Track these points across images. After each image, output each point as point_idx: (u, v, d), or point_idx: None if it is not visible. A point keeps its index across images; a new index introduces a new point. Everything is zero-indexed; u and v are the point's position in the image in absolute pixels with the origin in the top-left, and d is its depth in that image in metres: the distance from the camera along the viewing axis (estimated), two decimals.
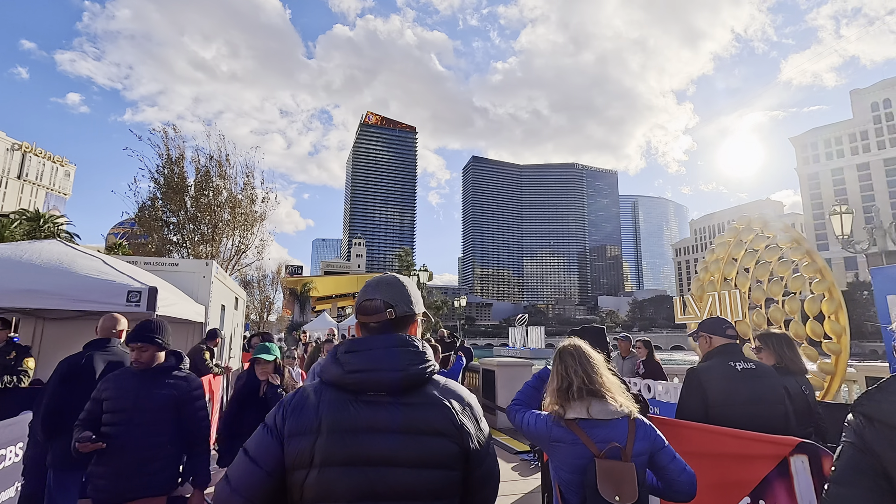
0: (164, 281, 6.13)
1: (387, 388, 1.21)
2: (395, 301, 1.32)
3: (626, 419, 1.99)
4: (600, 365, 2.11)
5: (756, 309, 6.01)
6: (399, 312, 1.31)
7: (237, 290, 11.14)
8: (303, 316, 42.87)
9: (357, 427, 1.17)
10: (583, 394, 2.00)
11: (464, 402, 1.29)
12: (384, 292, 1.33)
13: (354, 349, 1.26)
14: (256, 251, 15.38)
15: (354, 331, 9.99)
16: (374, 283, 1.39)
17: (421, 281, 15.99)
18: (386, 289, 1.34)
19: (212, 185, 13.76)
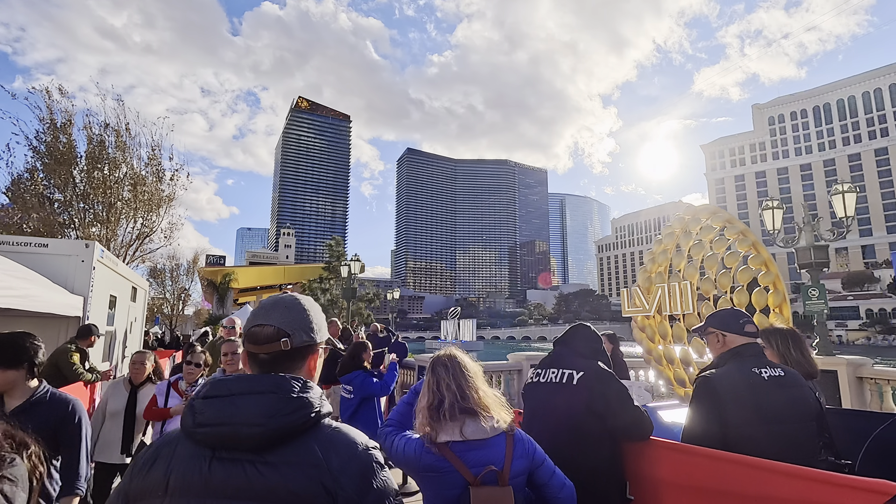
0: (21, 265, 4.84)
1: (245, 445, 0.97)
2: (292, 328, 1.10)
3: (503, 436, 1.82)
4: (476, 377, 1.91)
5: (705, 301, 5.82)
6: (296, 342, 1.09)
7: (136, 278, 9.62)
8: (223, 309, 39.86)
9: (208, 492, 0.95)
10: (455, 412, 1.79)
11: (352, 457, 1.00)
12: (280, 316, 1.10)
13: (212, 394, 1.02)
14: (164, 235, 13.59)
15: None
16: (268, 303, 1.16)
17: (352, 272, 14.99)
18: (283, 312, 1.12)
19: (107, 157, 11.76)
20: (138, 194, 12.06)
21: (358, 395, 4.60)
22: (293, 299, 1.17)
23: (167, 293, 36.69)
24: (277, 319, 1.09)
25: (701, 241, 6.15)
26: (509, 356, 9.42)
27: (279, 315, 1.10)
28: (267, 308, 1.13)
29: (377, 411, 4.74)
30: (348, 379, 4.72)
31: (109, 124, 11.99)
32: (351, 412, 4.58)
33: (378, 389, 4.65)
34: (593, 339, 2.47)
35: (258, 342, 1.08)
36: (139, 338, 10.53)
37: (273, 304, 1.14)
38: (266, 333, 1.07)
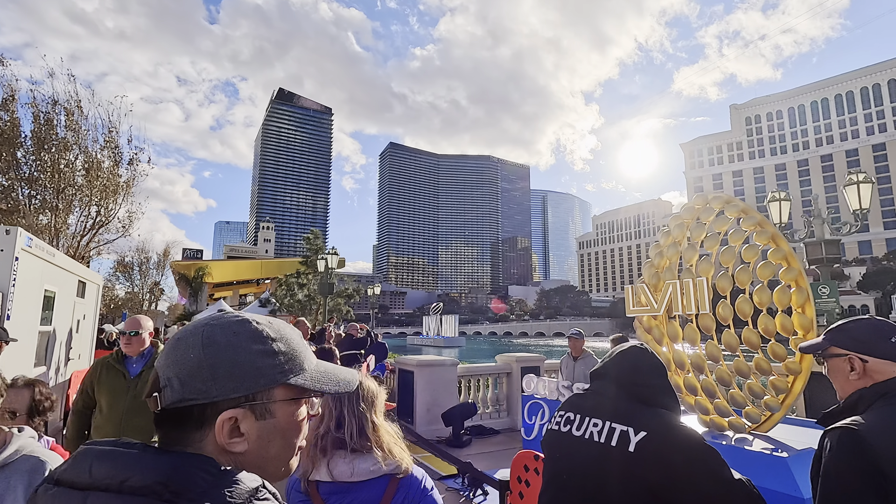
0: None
1: None
2: (167, 375, 0.72)
3: (386, 479, 1.53)
4: (372, 408, 1.63)
5: (721, 300, 5.22)
6: (170, 399, 0.70)
7: (83, 272, 8.64)
8: (196, 304, 38.39)
9: None
10: (326, 447, 1.56)
11: None
12: (164, 358, 0.75)
13: (66, 479, 0.66)
14: (121, 225, 12.46)
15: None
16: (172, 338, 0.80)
17: (330, 266, 14.13)
18: (170, 352, 0.75)
19: (56, 138, 10.61)
20: (92, 179, 10.95)
21: None
22: (190, 331, 0.75)
23: (136, 287, 35.09)
24: (163, 361, 0.75)
25: (716, 233, 5.53)
26: (498, 358, 8.75)
27: (166, 356, 0.75)
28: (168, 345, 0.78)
29: None
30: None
31: (58, 101, 10.87)
32: None
33: None
34: (655, 373, 1.65)
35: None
36: (90, 337, 9.54)
37: (172, 340, 0.77)
38: (151, 381, 0.75)
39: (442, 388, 7.45)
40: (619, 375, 1.61)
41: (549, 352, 69.60)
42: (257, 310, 25.16)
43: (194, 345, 0.72)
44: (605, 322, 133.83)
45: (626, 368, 1.62)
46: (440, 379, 7.48)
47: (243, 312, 0.80)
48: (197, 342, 0.73)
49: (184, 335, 0.76)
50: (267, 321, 0.80)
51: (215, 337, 0.73)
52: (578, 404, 1.67)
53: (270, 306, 24.67)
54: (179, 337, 0.76)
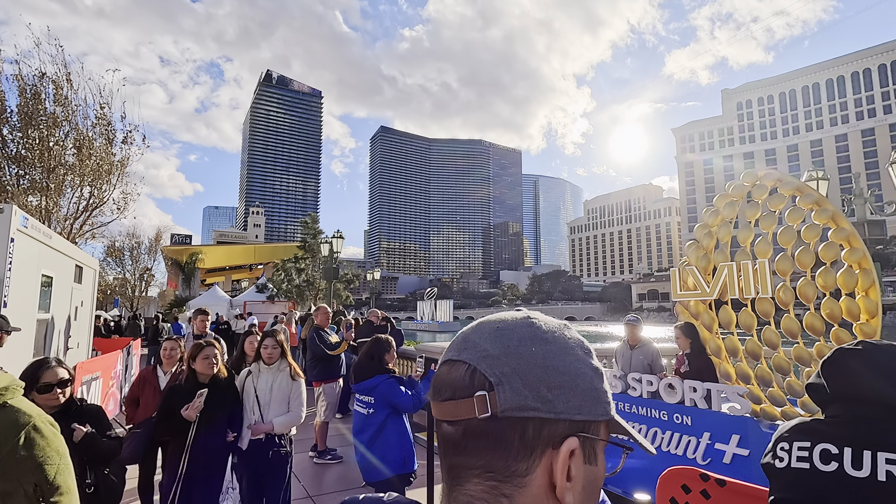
0: None
1: None
2: (500, 372, 0.57)
3: None
4: None
5: (782, 283, 4.89)
6: (509, 402, 0.55)
7: (81, 256, 8.10)
8: (189, 290, 37.65)
9: None
10: None
11: None
12: (483, 345, 0.59)
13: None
14: (116, 207, 11.82)
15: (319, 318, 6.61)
16: (476, 323, 0.63)
17: (334, 249, 13.64)
18: (491, 338, 0.59)
19: (44, 112, 9.89)
20: (84, 158, 10.27)
21: (381, 410, 3.47)
22: (523, 319, 0.60)
23: (127, 273, 34.26)
24: (474, 353, 0.57)
25: (771, 213, 5.18)
26: None
27: (484, 342, 0.57)
28: (468, 331, 0.61)
29: (408, 432, 3.62)
30: (367, 387, 3.57)
31: (46, 74, 10.10)
32: (373, 433, 3.45)
33: (409, 402, 3.51)
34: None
35: (438, 395, 0.57)
36: (88, 324, 9.03)
37: (479, 325, 0.61)
38: (452, 378, 0.56)
39: None
40: (882, 368, 1.22)
41: None
42: (254, 295, 24.61)
43: (531, 337, 0.56)
44: (597, 306, 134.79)
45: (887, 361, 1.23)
46: None
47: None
48: (531, 334, 0.57)
49: (507, 321, 0.59)
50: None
51: (549, 334, 0.57)
52: (811, 430, 1.27)
53: (268, 292, 24.12)
54: (502, 323, 0.59)
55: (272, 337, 3.89)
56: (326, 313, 6.11)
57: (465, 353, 0.57)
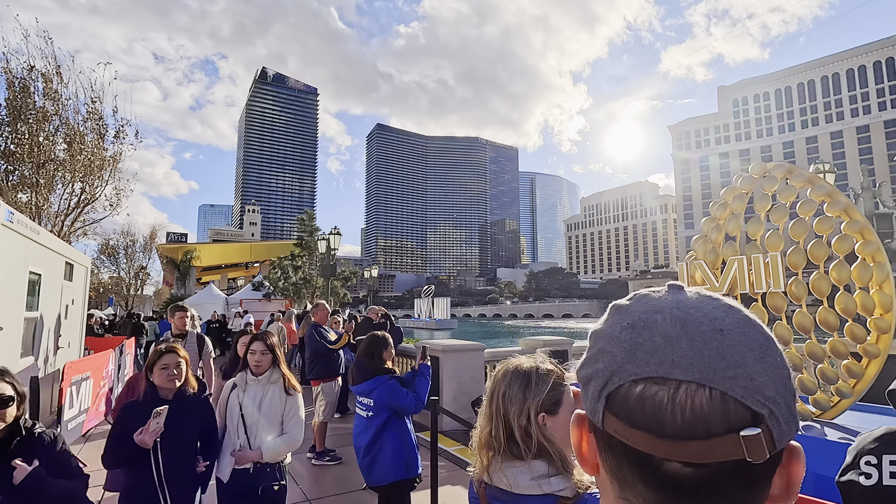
0: None
1: None
2: (772, 396, 0.45)
3: (552, 499, 1.23)
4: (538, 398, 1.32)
5: (794, 277, 4.75)
6: (784, 436, 0.46)
7: (71, 253, 7.89)
8: (185, 288, 37.37)
9: None
10: (502, 445, 1.35)
11: None
12: (734, 363, 0.46)
13: None
14: (109, 203, 11.57)
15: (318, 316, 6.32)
16: (684, 320, 0.49)
17: (332, 246, 13.46)
18: (741, 349, 0.46)
19: (33, 106, 9.63)
20: (75, 153, 10.03)
21: (382, 413, 3.26)
22: (730, 308, 0.47)
23: (122, 272, 33.93)
24: (708, 370, 0.43)
25: (782, 205, 5.04)
26: (521, 342, 8.27)
27: (717, 352, 0.43)
28: (668, 332, 0.46)
29: (411, 435, 3.41)
30: (366, 388, 3.35)
31: (35, 67, 9.84)
32: (373, 436, 3.24)
33: (410, 404, 3.31)
34: None
35: (664, 430, 0.42)
36: (79, 323, 8.83)
37: (680, 320, 0.46)
38: (687, 408, 0.42)
39: (469, 375, 6.96)
40: None
41: (537, 333, 69.84)
42: (250, 293, 24.40)
43: (766, 338, 0.45)
44: (594, 303, 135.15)
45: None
46: (467, 364, 6.98)
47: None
48: (764, 334, 0.46)
49: (716, 314, 0.46)
50: None
51: (765, 327, 0.47)
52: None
53: (264, 290, 23.90)
54: (712, 317, 0.46)
55: (261, 340, 3.14)
56: (325, 310, 5.94)
57: (692, 370, 0.43)
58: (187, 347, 4.82)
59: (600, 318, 0.51)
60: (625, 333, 0.47)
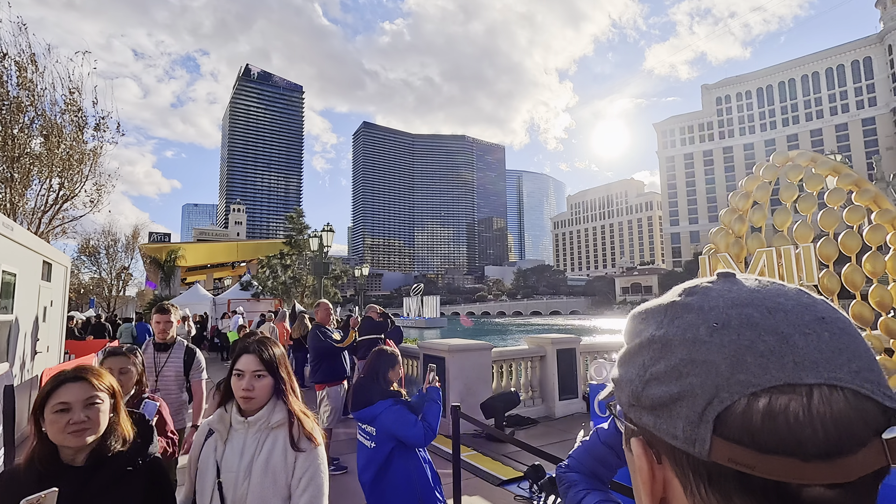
0: None
1: None
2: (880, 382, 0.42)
3: None
4: None
5: (826, 270, 4.54)
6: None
7: (49, 251, 7.40)
8: (169, 289, 36.49)
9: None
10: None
11: None
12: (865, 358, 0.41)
13: None
14: (89, 200, 10.97)
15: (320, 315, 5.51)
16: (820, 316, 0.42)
17: (324, 243, 13.05)
18: (843, 336, 0.42)
19: (5, 97, 9.02)
20: (52, 147, 9.45)
21: (386, 443, 2.76)
22: (823, 301, 0.42)
23: (103, 272, 32.94)
24: (837, 368, 0.37)
25: (811, 194, 4.82)
26: (528, 339, 7.99)
27: (835, 345, 0.38)
28: (792, 330, 0.38)
29: (422, 466, 2.82)
30: (368, 415, 2.83)
31: (7, 54, 9.21)
32: (377, 471, 2.74)
33: (418, 435, 2.72)
34: None
35: (824, 451, 0.34)
36: (59, 326, 8.32)
37: (800, 312, 0.39)
38: (841, 416, 0.35)
39: (476, 376, 6.66)
40: None
41: (526, 330, 69.83)
42: (238, 293, 23.79)
43: (854, 326, 0.41)
44: (581, 300, 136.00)
45: None
46: (474, 365, 6.67)
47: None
48: (850, 322, 0.41)
49: (815, 304, 0.41)
50: None
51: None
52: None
53: (252, 289, 23.32)
54: (814, 308, 0.40)
55: (254, 354, 1.92)
56: (328, 310, 5.58)
57: (819, 370, 0.36)
58: (170, 362, 3.90)
59: (587, 315, 0.39)
60: (718, 336, 0.39)
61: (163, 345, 3.95)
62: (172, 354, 3.93)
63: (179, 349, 4.00)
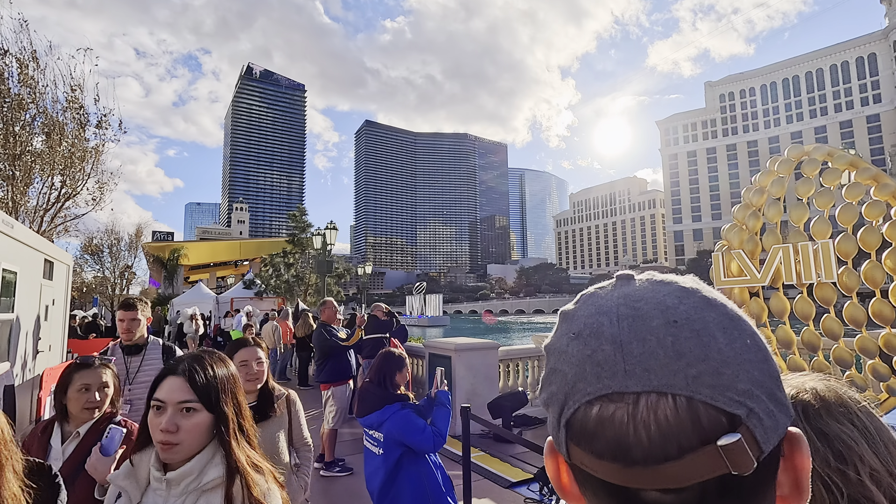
0: None
1: None
2: (747, 389, 0.40)
3: None
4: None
5: (844, 267, 4.41)
6: (768, 438, 0.38)
7: (50, 249, 7.30)
8: (172, 287, 36.53)
9: None
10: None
11: None
12: (696, 357, 0.39)
13: None
14: (91, 198, 10.91)
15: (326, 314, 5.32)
16: (645, 317, 0.42)
17: (328, 241, 12.97)
18: (700, 343, 0.40)
19: (6, 94, 8.95)
20: (54, 144, 9.39)
21: (394, 449, 2.65)
22: (688, 290, 0.41)
23: (106, 271, 32.95)
24: (669, 373, 0.36)
25: (827, 189, 4.69)
26: (533, 338, 7.90)
27: (672, 348, 0.37)
28: (612, 334, 0.39)
29: (433, 472, 2.71)
30: (375, 421, 2.72)
31: (9, 51, 9.14)
32: (385, 478, 2.63)
33: (427, 441, 2.62)
34: None
35: (630, 456, 0.36)
36: (61, 325, 8.24)
37: (628, 317, 0.39)
38: (651, 424, 0.35)
39: (483, 375, 6.56)
40: None
41: (529, 328, 69.43)
42: (241, 292, 23.73)
43: (728, 317, 0.39)
44: None
45: None
46: (481, 364, 6.57)
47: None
48: (725, 313, 0.39)
49: (668, 301, 0.39)
50: None
51: (722, 301, 0.42)
52: None
53: (255, 288, 23.28)
54: (661, 304, 0.39)
55: (182, 376, 1.32)
56: (333, 308, 5.48)
57: (650, 378, 0.36)
58: (145, 367, 3.27)
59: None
60: (573, 346, 0.40)
61: (133, 347, 3.29)
62: (147, 357, 3.30)
63: (155, 350, 3.38)
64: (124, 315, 3.31)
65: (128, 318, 3.29)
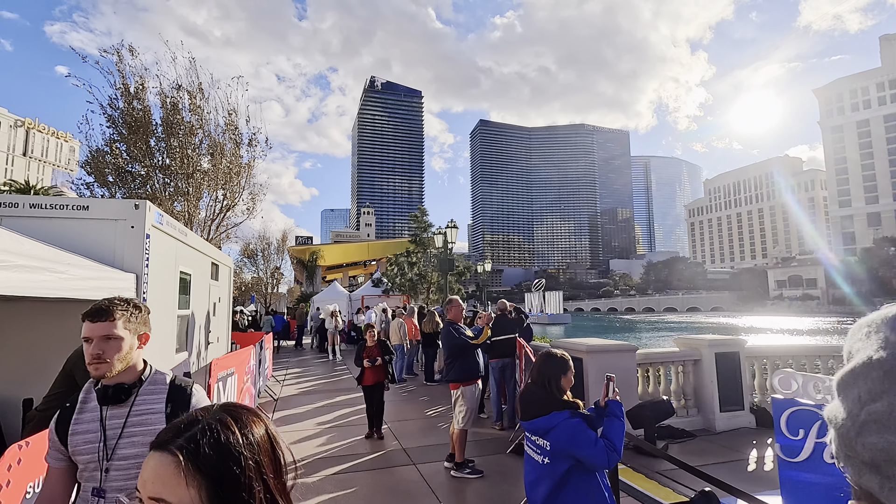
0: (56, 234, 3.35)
1: None
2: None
3: None
4: None
5: None
6: None
7: (216, 254, 8.38)
8: (312, 286, 40.58)
9: None
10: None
11: None
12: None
13: None
14: (246, 208, 12.52)
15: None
16: None
17: (449, 240, 13.17)
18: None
19: (181, 122, 10.72)
20: (217, 163, 10.98)
21: (561, 461, 2.44)
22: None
23: (260, 272, 37.85)
24: None
25: None
26: (677, 341, 7.06)
27: None
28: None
29: (603, 489, 2.48)
30: (542, 427, 2.53)
31: (182, 85, 10.94)
32: (550, 490, 2.45)
33: (601, 456, 2.37)
34: None
35: None
36: (226, 320, 9.45)
37: None
38: None
39: (619, 380, 5.97)
40: None
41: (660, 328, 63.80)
42: (370, 290, 25.41)
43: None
44: (725, 295, 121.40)
45: None
46: (617, 368, 5.99)
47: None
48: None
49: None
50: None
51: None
52: None
53: (383, 286, 24.72)
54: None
55: (171, 454, 0.73)
56: (459, 307, 5.41)
57: None
58: (133, 424, 1.70)
59: (733, 312, 0.29)
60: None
61: (113, 390, 1.70)
62: (137, 406, 1.73)
63: (155, 392, 1.77)
64: (91, 331, 1.69)
65: (97, 336, 1.69)
